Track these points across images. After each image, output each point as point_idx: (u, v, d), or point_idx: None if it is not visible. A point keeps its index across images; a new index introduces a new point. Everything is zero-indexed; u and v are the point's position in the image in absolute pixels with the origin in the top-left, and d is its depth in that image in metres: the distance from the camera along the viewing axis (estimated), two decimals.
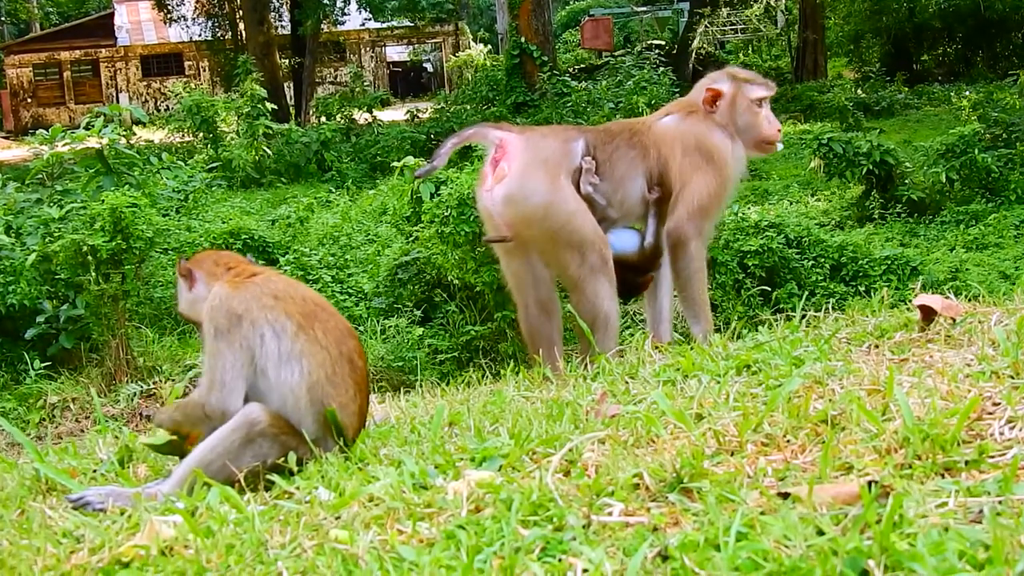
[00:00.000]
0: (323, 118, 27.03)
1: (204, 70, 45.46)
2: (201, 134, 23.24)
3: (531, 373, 4.57)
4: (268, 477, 3.15)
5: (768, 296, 10.77)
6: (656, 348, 4.67)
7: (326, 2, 35.11)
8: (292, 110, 32.61)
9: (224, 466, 3.19)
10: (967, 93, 23.56)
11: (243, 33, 34.79)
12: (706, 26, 35.07)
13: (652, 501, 2.46)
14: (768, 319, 5.24)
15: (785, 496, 2.35)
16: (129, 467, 3.72)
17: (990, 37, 35.13)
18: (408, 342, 10.29)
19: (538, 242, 5.30)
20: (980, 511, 2.16)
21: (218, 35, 38.24)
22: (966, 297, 4.45)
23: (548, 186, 5.15)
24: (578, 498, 2.47)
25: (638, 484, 2.54)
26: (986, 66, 34.29)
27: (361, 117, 26.94)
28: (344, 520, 2.58)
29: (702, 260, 5.42)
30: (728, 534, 2.13)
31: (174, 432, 3.52)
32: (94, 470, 3.73)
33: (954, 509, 2.20)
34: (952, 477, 2.39)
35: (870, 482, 2.30)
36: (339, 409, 3.34)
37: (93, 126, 11.78)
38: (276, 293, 3.42)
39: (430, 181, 10.59)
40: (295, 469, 3.18)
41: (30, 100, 46.58)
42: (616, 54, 29.62)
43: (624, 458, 2.73)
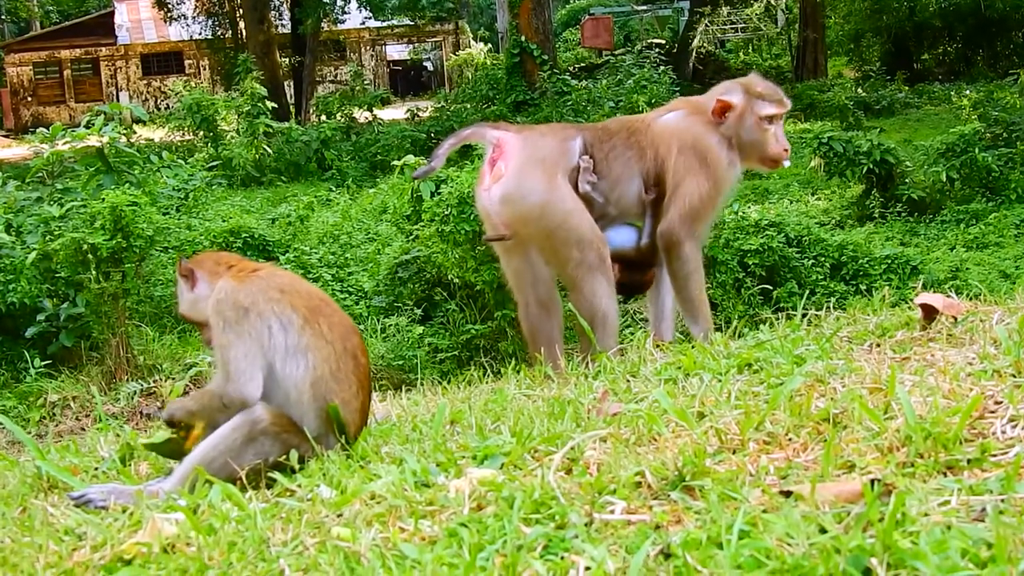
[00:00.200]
0: (323, 117, 27.00)
1: (204, 69, 45.46)
2: (201, 133, 23.22)
3: (532, 371, 4.57)
4: (270, 475, 3.15)
5: (768, 295, 10.77)
6: (657, 346, 4.67)
7: (326, 1, 35.09)
8: (292, 109, 32.60)
9: (226, 464, 3.19)
10: (967, 92, 23.57)
11: (243, 32, 34.80)
12: (706, 25, 35.06)
13: (654, 499, 2.46)
14: (769, 318, 5.24)
15: (787, 494, 2.35)
16: (131, 465, 3.72)
17: (990, 36, 35.12)
18: (408, 341, 10.29)
19: (535, 241, 5.31)
20: (983, 509, 2.16)
21: (218, 34, 38.25)
22: (967, 296, 4.45)
23: (544, 185, 5.16)
24: (580, 496, 2.47)
25: (640, 482, 2.53)
26: (986, 65, 34.29)
27: (361, 116, 26.93)
28: (346, 518, 2.58)
29: (697, 261, 5.39)
30: (730, 532, 2.13)
31: (187, 423, 3.51)
32: (96, 468, 3.73)
33: (956, 507, 2.20)
34: (954, 475, 2.39)
35: (872, 480, 2.30)
36: (342, 406, 3.34)
37: (93, 124, 11.77)
38: (282, 287, 3.42)
39: (430, 180, 10.58)
40: (297, 467, 3.18)
41: (30, 98, 46.56)
42: (616, 53, 29.59)
43: (626, 456, 2.73)
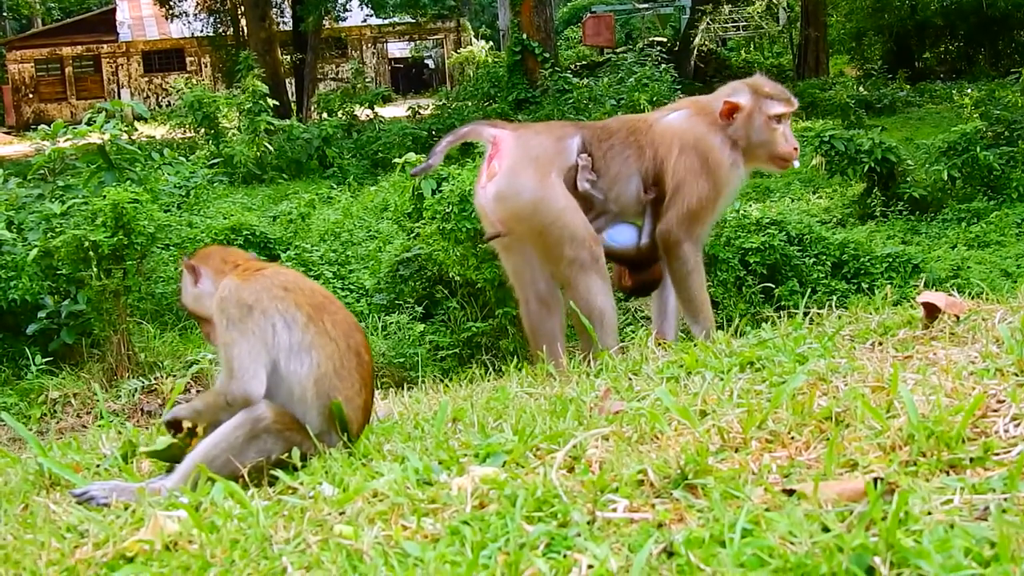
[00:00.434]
0: (325, 114, 27.01)
1: (206, 66, 45.48)
2: (203, 130, 23.24)
3: (534, 369, 4.57)
4: (272, 472, 3.15)
5: (770, 293, 10.77)
6: (659, 344, 4.67)
7: None
8: (293, 106, 32.61)
9: (228, 461, 3.18)
10: (969, 91, 23.53)
11: (245, 29, 34.83)
12: (708, 23, 35.05)
13: (656, 497, 2.46)
14: (771, 316, 5.24)
15: (790, 493, 2.35)
16: (133, 462, 3.72)
17: (992, 35, 35.11)
18: (409, 338, 10.29)
19: (528, 238, 5.34)
20: (986, 508, 2.16)
21: (220, 31, 38.29)
22: (969, 295, 4.44)
23: (536, 183, 5.18)
24: (582, 494, 2.47)
25: (642, 480, 2.53)
26: (988, 64, 34.27)
27: (363, 113, 26.94)
28: (348, 516, 2.58)
29: (696, 261, 5.38)
30: (733, 530, 2.13)
31: (189, 426, 3.52)
32: (98, 465, 3.73)
33: (959, 506, 2.20)
34: (957, 474, 2.39)
35: (875, 479, 2.30)
36: (345, 403, 3.34)
37: (95, 122, 11.80)
38: (286, 285, 3.42)
39: (431, 178, 10.58)
40: (299, 465, 3.18)
41: (32, 96, 46.57)
42: (618, 51, 29.65)
43: (628, 454, 2.73)
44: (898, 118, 25.94)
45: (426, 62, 52.10)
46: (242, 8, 34.87)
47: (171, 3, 38.61)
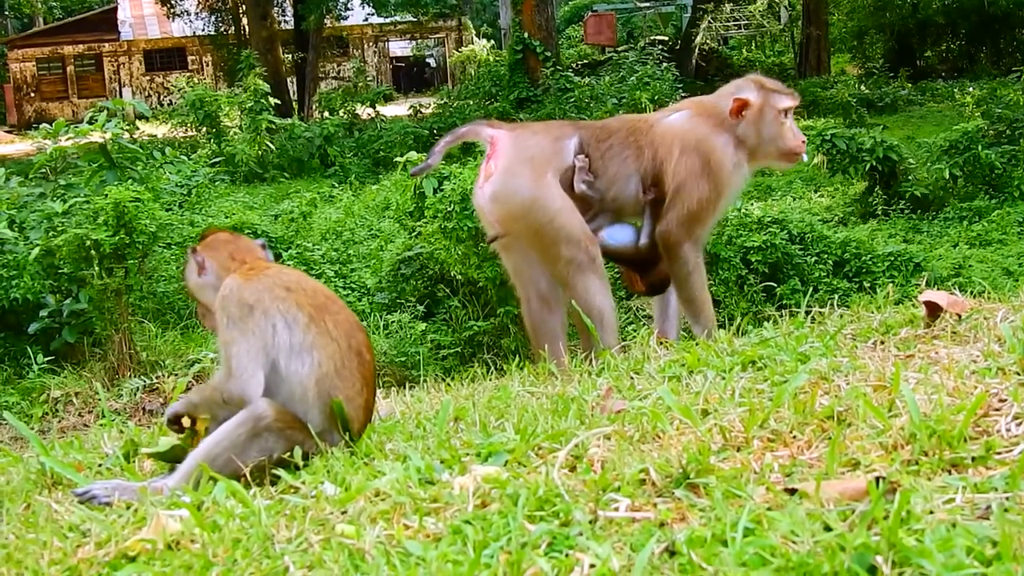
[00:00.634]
0: (326, 113, 27.03)
1: (207, 65, 45.48)
2: (204, 129, 23.24)
3: (536, 368, 4.57)
4: (274, 472, 3.15)
5: (771, 292, 10.77)
6: (661, 343, 4.67)
7: None
8: (295, 105, 32.59)
9: (230, 460, 3.19)
10: (970, 89, 23.53)
11: (246, 28, 34.83)
12: (709, 22, 35.03)
13: (658, 496, 2.46)
14: (772, 315, 5.23)
15: (792, 492, 2.35)
16: (134, 461, 3.72)
17: (994, 33, 35.09)
18: (411, 337, 10.29)
19: (525, 239, 5.37)
20: (987, 507, 2.16)
21: (221, 30, 38.29)
22: (970, 293, 4.44)
23: (531, 184, 5.18)
24: (584, 493, 2.47)
25: (644, 480, 2.53)
26: (989, 62, 34.25)
27: (364, 112, 26.94)
28: (350, 515, 2.58)
29: (696, 263, 5.37)
30: (735, 530, 2.13)
31: (190, 419, 3.52)
32: (99, 464, 3.73)
33: (961, 505, 2.20)
34: (959, 473, 2.39)
35: (877, 478, 2.29)
36: (346, 402, 3.34)
37: (96, 120, 11.79)
38: (288, 285, 3.42)
39: (432, 176, 10.58)
40: (301, 464, 3.18)
41: (33, 95, 46.56)
42: (619, 50, 29.60)
43: (630, 453, 2.73)
44: (900, 117, 25.93)
45: (427, 61, 52.08)
46: (243, 7, 34.87)
47: (172, 2, 38.62)
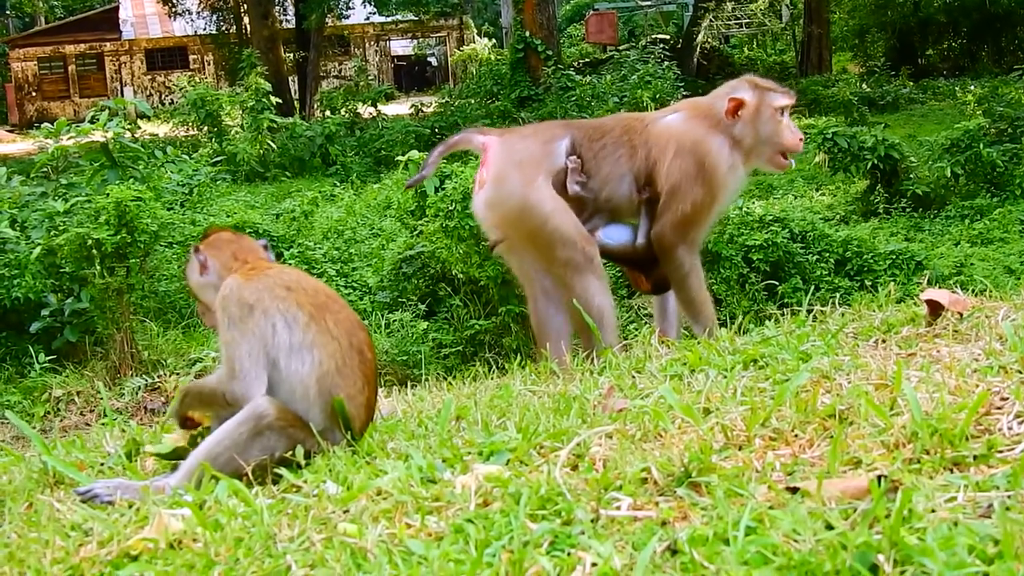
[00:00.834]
0: (327, 112, 27.05)
1: (209, 64, 45.48)
2: (206, 128, 23.27)
3: (538, 367, 4.57)
4: (276, 471, 3.15)
5: (773, 291, 10.77)
6: (662, 342, 4.66)
7: None
8: (296, 104, 32.60)
9: (231, 459, 3.19)
10: (972, 88, 23.53)
11: (247, 27, 34.82)
12: (711, 20, 35.03)
13: (660, 495, 2.46)
14: (774, 314, 5.23)
15: (794, 491, 2.35)
16: (136, 460, 3.73)
17: (995, 31, 35.07)
18: (412, 336, 10.30)
19: (521, 243, 5.39)
20: (989, 506, 2.16)
21: (222, 29, 38.29)
22: (972, 292, 4.43)
23: (522, 189, 5.19)
24: (586, 492, 2.47)
25: (646, 478, 2.53)
26: (991, 60, 34.24)
27: (365, 111, 26.96)
28: (352, 514, 2.58)
29: (692, 264, 5.34)
30: (737, 528, 2.13)
31: (188, 419, 3.53)
32: (101, 463, 3.73)
33: (963, 504, 2.20)
34: (961, 472, 2.39)
35: (879, 477, 2.29)
36: (347, 401, 3.34)
37: (98, 120, 11.81)
38: (288, 284, 3.42)
39: (434, 176, 10.58)
40: (303, 463, 3.18)
41: (35, 94, 46.57)
42: (620, 48, 29.64)
43: (632, 452, 2.73)
44: (901, 115, 25.92)
45: (429, 60, 52.07)
46: (245, 6, 34.87)
47: (174, 1, 38.61)
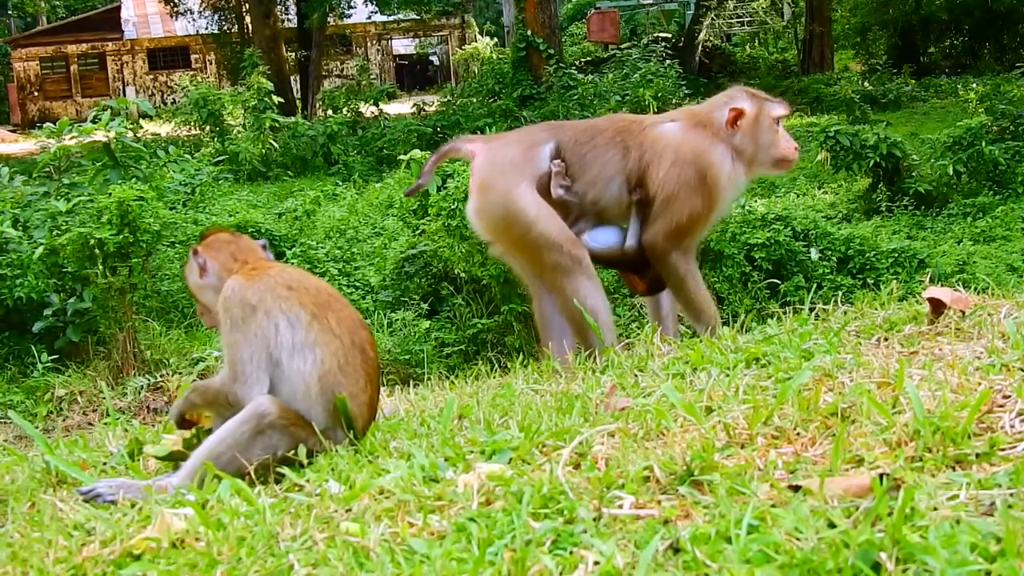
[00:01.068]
0: (329, 111, 27.05)
1: (211, 63, 45.48)
2: (208, 127, 23.28)
3: (540, 366, 4.57)
4: (278, 470, 3.15)
5: (775, 289, 10.77)
6: (664, 341, 4.66)
7: None
8: (298, 103, 32.60)
9: (234, 458, 3.19)
10: (974, 85, 23.52)
11: (249, 26, 34.84)
12: (712, 19, 35.03)
13: (663, 494, 2.46)
14: (776, 312, 5.22)
15: (796, 489, 2.34)
16: (139, 460, 3.73)
17: (997, 29, 35.04)
18: (415, 335, 10.31)
19: (511, 250, 5.40)
20: (992, 504, 2.15)
21: (224, 28, 38.31)
22: (974, 290, 4.43)
23: (505, 196, 5.18)
24: (589, 491, 2.47)
25: (648, 477, 2.53)
26: (993, 58, 34.20)
27: (367, 110, 26.97)
28: (355, 513, 2.58)
29: (687, 268, 5.28)
30: (739, 527, 2.12)
31: (189, 419, 3.54)
32: (104, 463, 3.74)
33: (965, 502, 2.19)
34: (963, 470, 2.38)
35: (881, 475, 2.29)
36: (349, 399, 3.34)
37: (100, 119, 11.81)
38: (290, 283, 3.42)
39: (436, 175, 10.59)
40: (305, 462, 3.18)
41: (37, 94, 46.58)
42: (622, 47, 29.63)
43: (634, 451, 2.73)
44: (903, 113, 25.91)
45: (431, 59, 52.07)
46: (247, 5, 34.89)
47: (176, 1, 38.63)
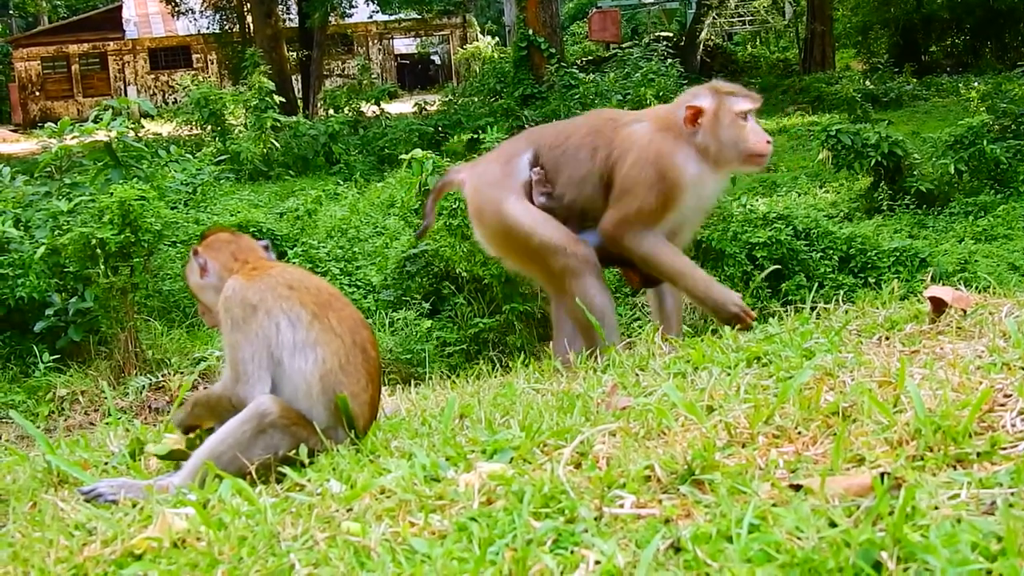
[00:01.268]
0: (331, 111, 27.06)
1: (212, 63, 45.50)
2: (209, 127, 23.29)
3: (541, 365, 4.57)
4: (279, 469, 3.15)
5: (776, 288, 10.77)
6: (665, 340, 4.66)
7: None
8: (300, 103, 32.62)
9: (235, 458, 3.19)
10: (975, 84, 23.49)
11: (251, 26, 34.86)
12: (714, 18, 35.03)
13: (664, 493, 2.46)
14: (777, 311, 5.21)
15: (797, 488, 2.34)
16: (140, 460, 3.73)
17: (999, 28, 35.02)
18: (416, 334, 10.31)
19: (522, 264, 5.46)
20: (993, 503, 2.15)
21: (226, 28, 38.32)
22: (976, 288, 4.43)
23: (497, 216, 5.21)
24: (590, 490, 2.47)
25: (649, 476, 2.53)
26: (994, 57, 34.18)
27: (369, 110, 26.97)
28: (356, 512, 2.58)
29: (651, 242, 5.08)
30: (740, 526, 2.12)
31: (194, 427, 3.54)
32: (105, 462, 3.74)
33: (966, 501, 2.19)
34: (964, 469, 2.38)
35: (882, 474, 2.29)
36: (350, 399, 3.34)
37: (101, 119, 11.80)
38: (291, 283, 3.42)
39: (438, 174, 10.60)
40: (306, 461, 3.18)
41: (38, 93, 46.60)
42: (624, 46, 29.63)
43: (635, 450, 2.73)
44: (904, 112, 25.90)
45: (432, 58, 52.06)
46: (248, 5, 34.91)
47: (177, 0, 38.64)
